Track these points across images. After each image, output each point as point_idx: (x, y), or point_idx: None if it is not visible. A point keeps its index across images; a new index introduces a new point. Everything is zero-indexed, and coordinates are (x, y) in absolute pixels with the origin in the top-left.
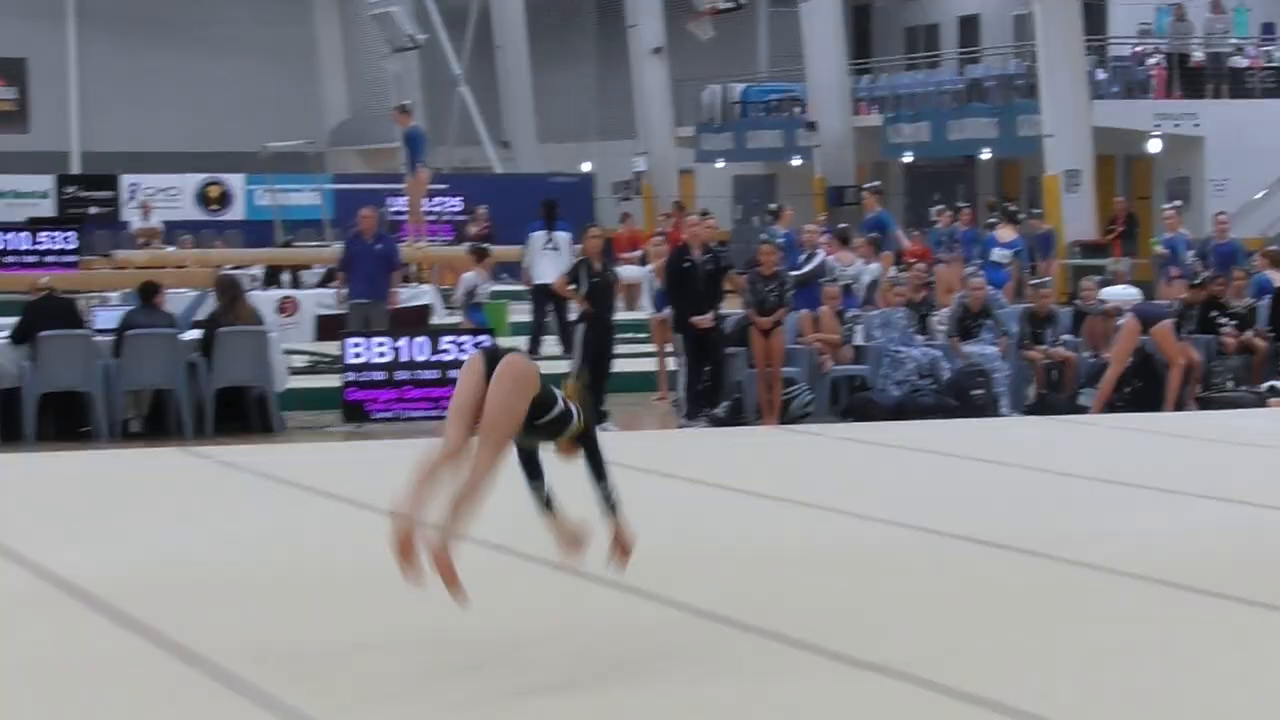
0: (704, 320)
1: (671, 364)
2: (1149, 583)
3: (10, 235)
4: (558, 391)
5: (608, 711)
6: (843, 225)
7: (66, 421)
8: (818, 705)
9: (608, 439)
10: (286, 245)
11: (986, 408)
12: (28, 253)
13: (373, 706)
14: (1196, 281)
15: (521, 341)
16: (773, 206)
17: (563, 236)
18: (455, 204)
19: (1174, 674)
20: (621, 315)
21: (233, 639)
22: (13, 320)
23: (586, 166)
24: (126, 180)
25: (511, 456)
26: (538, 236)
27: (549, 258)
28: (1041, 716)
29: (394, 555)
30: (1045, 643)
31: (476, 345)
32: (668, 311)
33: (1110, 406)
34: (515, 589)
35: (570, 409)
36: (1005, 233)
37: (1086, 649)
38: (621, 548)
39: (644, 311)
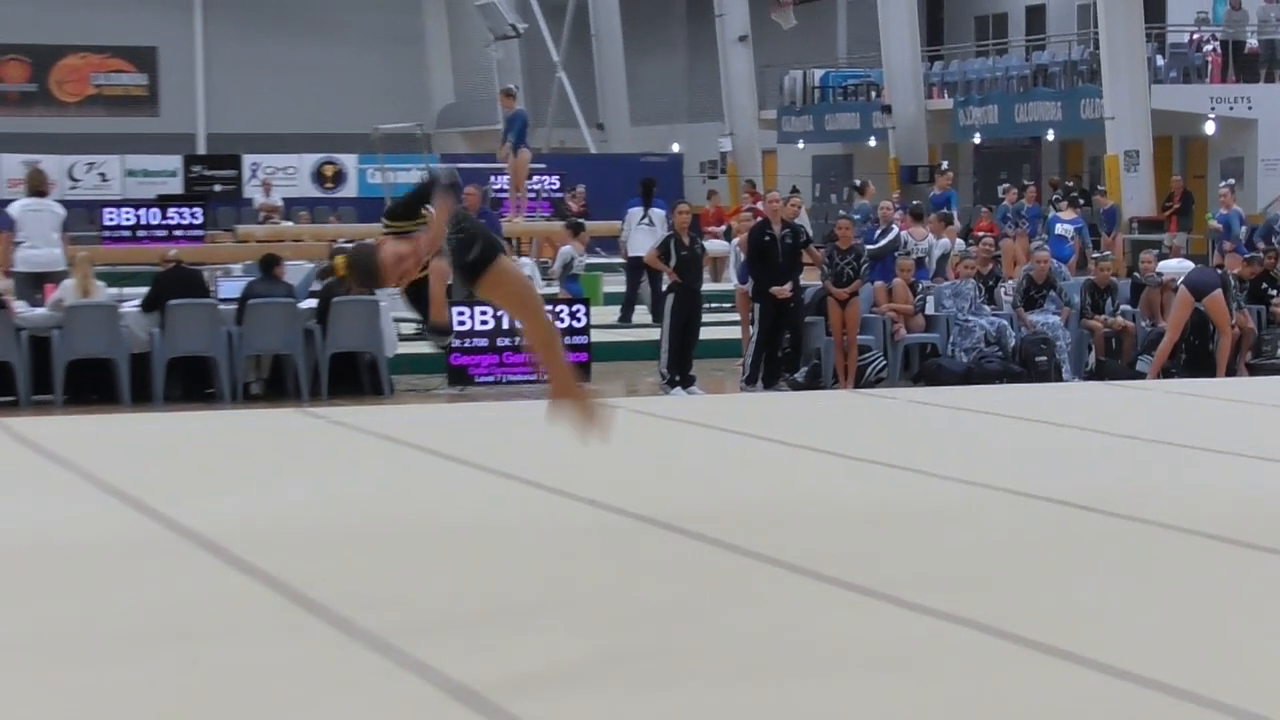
0: (782, 291)
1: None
2: (1203, 537)
3: (141, 211)
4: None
5: (689, 651)
6: (916, 202)
7: (192, 384)
8: (901, 652)
9: (692, 402)
10: None
11: (1050, 373)
12: (157, 227)
13: (476, 650)
14: (1249, 256)
15: (614, 311)
16: (857, 181)
17: (658, 213)
18: (553, 182)
19: (1237, 623)
20: (708, 286)
21: (346, 586)
22: (143, 290)
23: (676, 147)
24: (248, 160)
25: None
26: (634, 212)
27: (644, 232)
28: (1114, 666)
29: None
30: (1111, 595)
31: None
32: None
33: (1165, 372)
34: (605, 541)
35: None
36: (1067, 213)
37: (1151, 600)
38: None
39: (729, 283)
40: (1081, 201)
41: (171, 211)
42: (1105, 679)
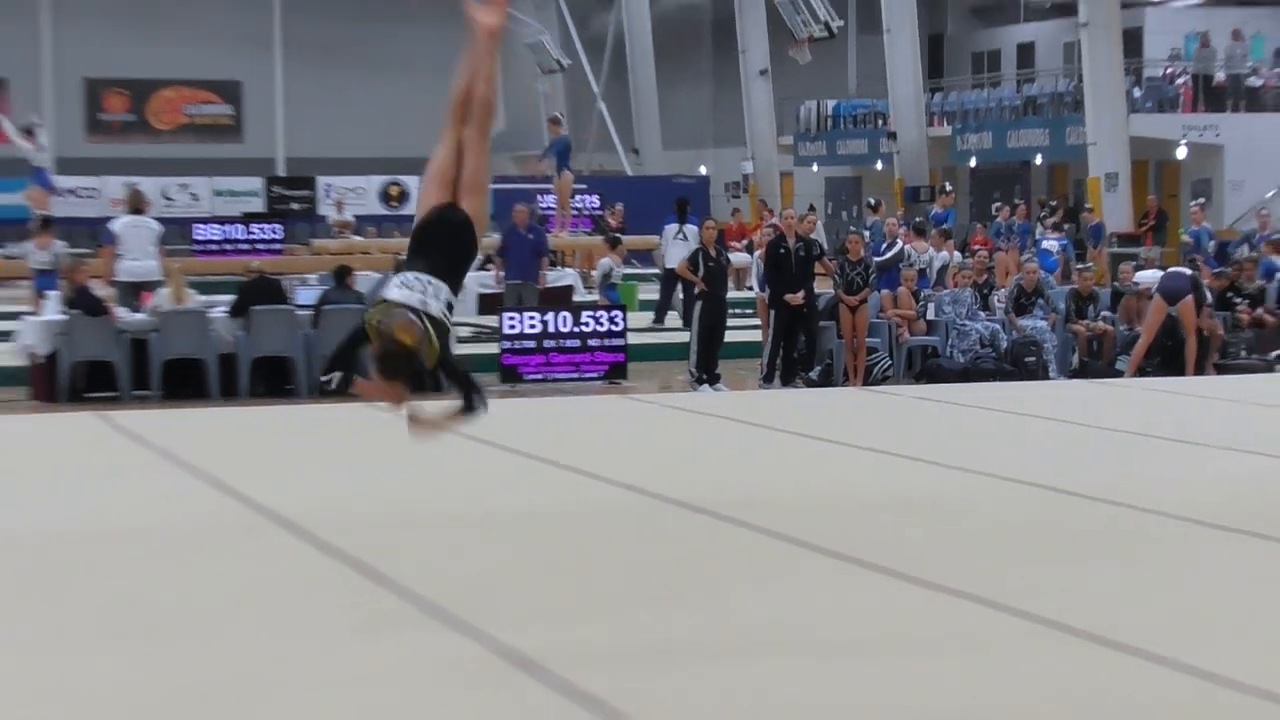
0: (795, 298)
1: None
2: (1178, 520)
3: (228, 227)
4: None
5: (718, 626)
6: (918, 219)
7: (273, 381)
8: (907, 628)
9: (718, 398)
10: None
11: (1038, 372)
12: (242, 241)
13: (527, 620)
14: (1217, 271)
15: (649, 316)
16: (871, 201)
17: (691, 229)
18: (594, 201)
19: (1219, 599)
20: (732, 294)
21: (410, 562)
22: (230, 297)
23: (703, 169)
24: (322, 181)
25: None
26: (670, 228)
27: (678, 246)
28: (1107, 638)
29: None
30: (1099, 574)
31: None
32: None
33: (1141, 371)
34: (639, 522)
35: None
36: (1052, 234)
37: (1135, 579)
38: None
39: (751, 291)
40: (1065, 225)
41: (254, 227)
42: (1097, 649)
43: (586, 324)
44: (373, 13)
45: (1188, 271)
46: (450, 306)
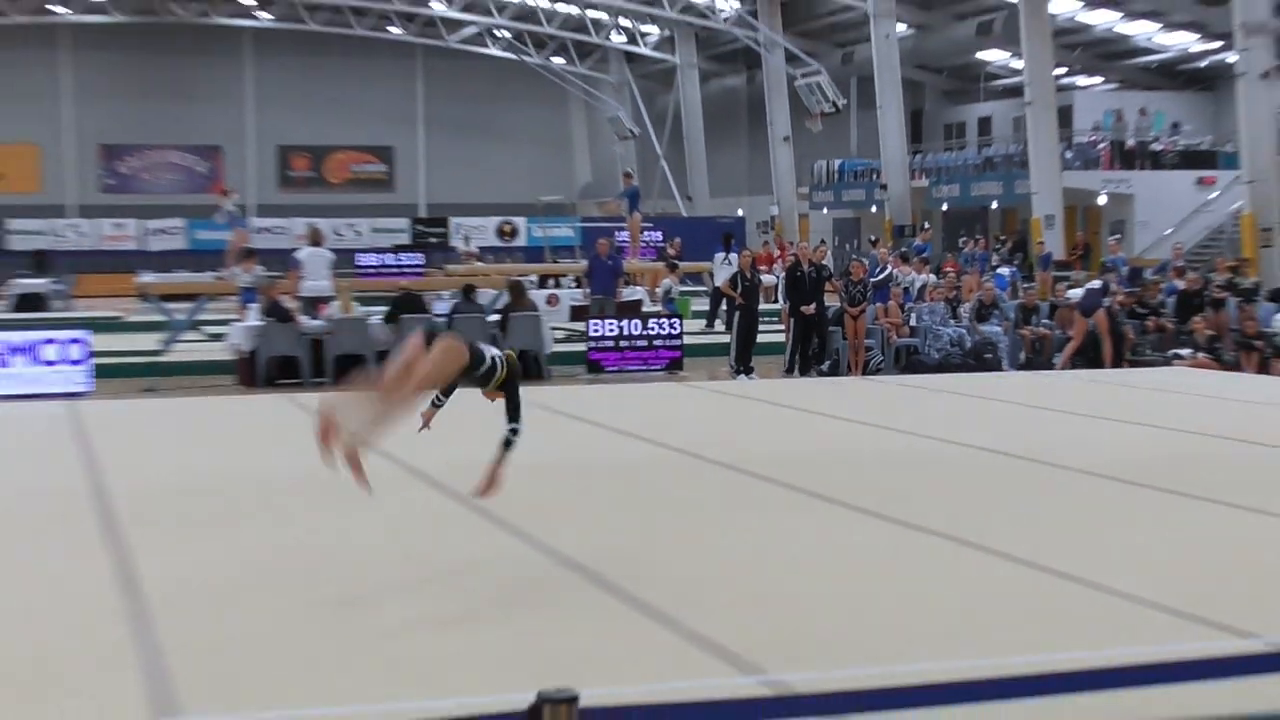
0: (809, 309)
1: None
2: (1096, 476)
3: (383, 255)
4: (488, 354)
5: (755, 546)
6: (903, 249)
7: None
8: (879, 549)
9: (752, 385)
10: (552, 262)
11: (994, 366)
12: (393, 266)
13: (604, 547)
14: (1128, 290)
15: (700, 323)
16: (872, 238)
17: (735, 257)
18: (657, 235)
19: (1116, 530)
20: (763, 306)
21: (518, 506)
22: (384, 309)
23: (740, 211)
24: (454, 221)
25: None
26: (719, 256)
27: (725, 270)
28: (1025, 559)
29: (316, 440)
30: (1031, 511)
31: (423, 329)
32: None
33: (1071, 365)
34: (693, 476)
35: (496, 365)
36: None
37: (1065, 518)
38: (489, 481)
39: (777, 304)
40: (1014, 257)
41: (403, 256)
42: (1015, 567)
43: (652, 329)
44: (491, 95)
45: (1099, 284)
46: None
